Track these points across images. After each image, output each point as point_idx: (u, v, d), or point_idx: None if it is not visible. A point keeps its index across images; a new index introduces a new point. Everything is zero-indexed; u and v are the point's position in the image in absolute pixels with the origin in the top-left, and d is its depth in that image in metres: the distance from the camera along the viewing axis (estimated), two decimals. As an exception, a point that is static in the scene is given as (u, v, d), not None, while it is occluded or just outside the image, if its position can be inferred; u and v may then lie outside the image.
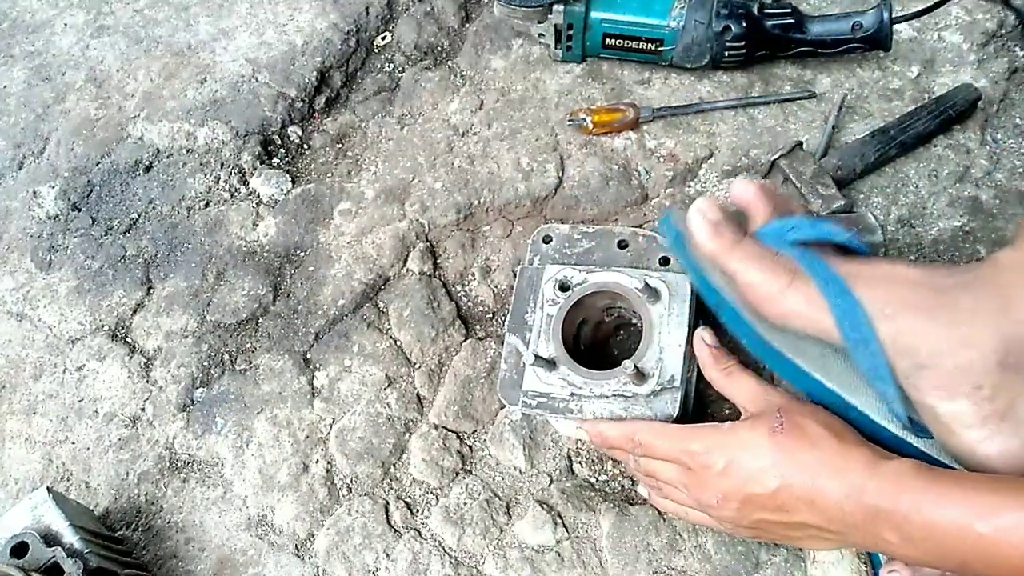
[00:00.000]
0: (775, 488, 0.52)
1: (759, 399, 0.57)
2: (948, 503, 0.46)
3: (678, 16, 0.89)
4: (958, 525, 0.45)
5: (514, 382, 0.69)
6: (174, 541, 0.77)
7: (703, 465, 0.56)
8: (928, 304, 0.51)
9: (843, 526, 0.51)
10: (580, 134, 0.93)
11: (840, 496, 0.50)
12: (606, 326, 0.78)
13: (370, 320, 0.86)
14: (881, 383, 0.53)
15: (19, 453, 0.84)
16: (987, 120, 0.89)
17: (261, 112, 1.02)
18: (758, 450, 0.53)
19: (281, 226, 0.94)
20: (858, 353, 0.53)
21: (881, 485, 0.48)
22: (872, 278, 0.53)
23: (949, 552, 0.46)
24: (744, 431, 0.55)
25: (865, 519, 0.49)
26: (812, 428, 0.53)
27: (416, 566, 0.72)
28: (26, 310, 0.93)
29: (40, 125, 1.08)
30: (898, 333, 0.51)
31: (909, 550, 0.49)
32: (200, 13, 1.15)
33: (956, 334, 0.49)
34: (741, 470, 0.54)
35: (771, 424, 0.54)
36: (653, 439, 0.60)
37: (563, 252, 0.76)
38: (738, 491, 0.54)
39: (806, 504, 0.52)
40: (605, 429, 0.63)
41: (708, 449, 0.56)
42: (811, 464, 0.51)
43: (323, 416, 0.81)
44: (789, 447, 0.52)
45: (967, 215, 0.83)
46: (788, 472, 0.52)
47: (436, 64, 1.07)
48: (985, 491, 0.45)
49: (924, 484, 0.47)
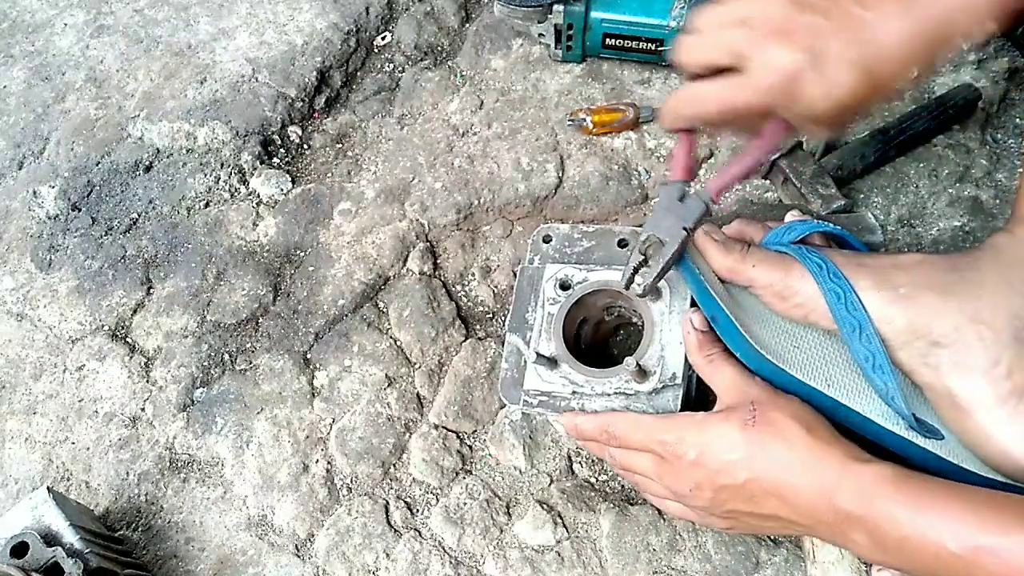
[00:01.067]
0: (744, 480, 0.52)
1: (737, 390, 0.57)
2: (924, 517, 0.45)
3: (678, 16, 0.89)
4: (932, 541, 0.44)
5: (515, 381, 0.69)
6: (174, 541, 0.77)
7: (675, 455, 0.56)
8: (938, 284, 0.52)
9: (812, 521, 0.51)
10: (580, 134, 0.94)
11: (810, 495, 0.50)
12: (607, 325, 0.78)
13: (370, 320, 0.86)
14: (879, 373, 0.53)
15: (19, 453, 0.83)
16: (987, 120, 0.89)
17: (261, 112, 1.02)
18: (729, 442, 0.53)
19: (281, 226, 0.94)
20: (853, 341, 0.54)
21: (854, 489, 0.48)
22: (879, 266, 0.56)
23: (920, 565, 0.46)
24: (716, 423, 0.55)
25: (835, 519, 0.49)
26: (784, 423, 0.52)
27: (416, 566, 0.72)
28: (26, 310, 0.93)
29: (40, 125, 1.08)
30: (914, 313, 0.52)
31: (877, 555, 0.49)
32: (200, 13, 1.15)
33: (969, 310, 0.50)
34: (712, 461, 0.54)
35: (744, 417, 0.54)
36: (627, 430, 0.60)
37: (563, 251, 0.76)
38: (710, 481, 0.54)
39: (776, 498, 0.52)
40: (581, 422, 0.63)
41: (680, 440, 0.56)
42: (781, 460, 0.51)
43: (323, 416, 0.81)
44: (760, 441, 0.52)
45: (967, 215, 0.83)
46: (758, 466, 0.52)
47: (436, 64, 1.07)
48: (965, 509, 0.44)
49: (901, 494, 0.46)
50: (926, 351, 0.52)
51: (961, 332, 0.51)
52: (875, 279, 0.55)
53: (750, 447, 0.52)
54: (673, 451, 0.56)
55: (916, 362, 0.53)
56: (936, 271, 0.54)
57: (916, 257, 0.56)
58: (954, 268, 0.54)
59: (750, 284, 0.60)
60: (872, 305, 0.54)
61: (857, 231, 0.78)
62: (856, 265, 0.56)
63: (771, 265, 0.59)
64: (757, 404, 0.54)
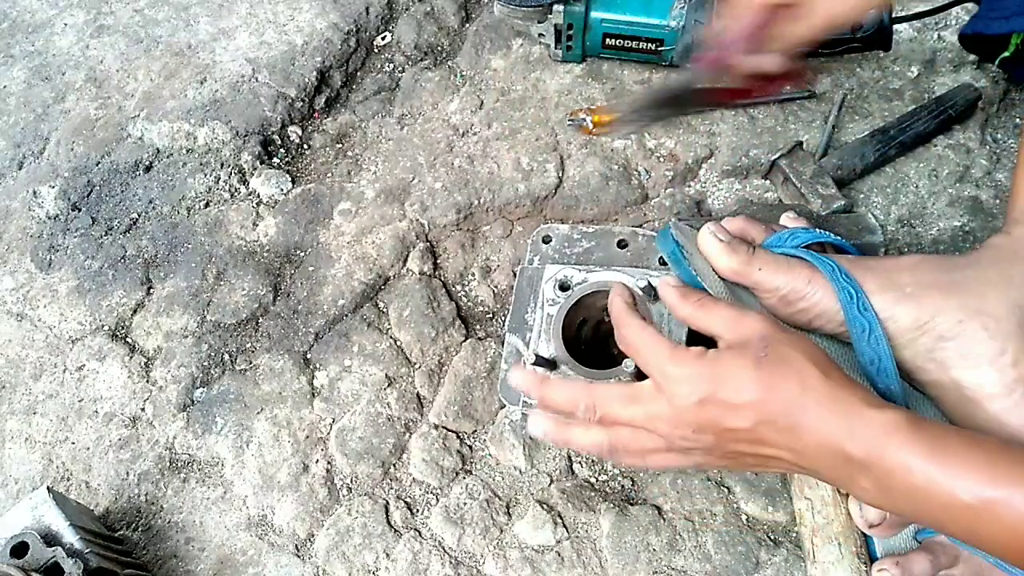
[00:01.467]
0: (754, 423, 0.49)
1: (738, 324, 0.53)
2: (937, 467, 0.44)
3: (678, 16, 0.89)
4: (943, 491, 0.43)
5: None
6: (174, 541, 0.77)
7: (676, 394, 0.52)
8: (941, 282, 0.54)
9: (818, 465, 0.49)
10: (580, 134, 0.93)
11: (821, 439, 0.48)
12: (606, 325, 0.77)
13: (370, 320, 0.86)
14: (882, 376, 0.54)
15: (19, 453, 0.84)
16: (987, 120, 0.89)
17: (261, 112, 1.02)
18: (741, 383, 0.49)
19: (281, 226, 0.94)
20: (861, 343, 0.54)
21: (867, 435, 0.46)
22: (883, 269, 0.56)
23: (928, 513, 0.45)
24: (727, 361, 0.51)
25: (844, 464, 0.47)
26: (799, 362, 0.49)
27: (416, 566, 0.72)
28: (26, 310, 0.93)
29: (40, 125, 1.08)
30: (920, 310, 0.53)
31: (883, 500, 0.48)
32: (200, 13, 1.15)
33: (972, 304, 0.52)
34: (721, 403, 0.50)
35: (756, 353, 0.50)
36: (636, 347, 0.56)
37: (563, 252, 0.76)
38: (714, 423, 0.51)
39: (784, 441, 0.49)
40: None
41: (686, 376, 0.51)
42: (795, 403, 0.48)
43: (323, 416, 0.81)
44: (773, 382, 0.49)
45: (967, 215, 0.83)
46: (770, 409, 0.49)
47: (436, 64, 1.07)
48: (979, 460, 0.43)
49: (914, 442, 0.45)
50: (932, 346, 0.53)
51: (966, 324, 0.52)
52: (881, 281, 0.55)
53: (763, 390, 0.49)
54: (675, 390, 0.52)
55: (921, 359, 0.54)
56: (938, 270, 0.55)
57: (916, 258, 0.57)
58: (955, 267, 0.55)
59: (755, 287, 0.59)
60: (879, 306, 0.54)
61: (857, 231, 0.78)
62: (863, 269, 0.56)
63: (777, 269, 0.58)
64: (767, 338, 0.51)
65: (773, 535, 0.69)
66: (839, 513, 0.62)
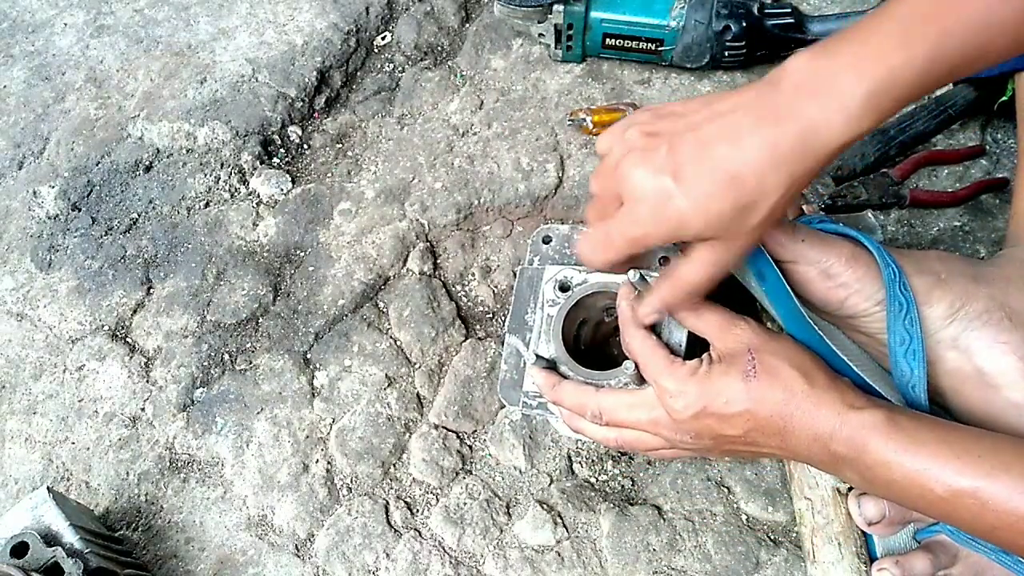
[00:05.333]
0: (746, 431, 0.54)
1: (728, 334, 0.57)
2: (912, 462, 0.48)
3: (678, 16, 0.89)
4: (919, 484, 0.47)
5: (515, 383, 0.69)
6: (174, 541, 0.77)
7: (673, 408, 0.56)
8: (969, 273, 0.57)
9: (809, 460, 0.54)
10: (580, 134, 0.93)
11: (807, 440, 0.52)
12: (606, 326, 0.77)
13: (370, 320, 0.86)
14: (909, 359, 0.55)
15: (19, 453, 0.84)
16: (987, 120, 0.89)
17: (261, 112, 1.02)
18: (731, 397, 0.54)
19: (281, 226, 0.94)
20: (897, 322, 0.55)
21: (848, 435, 0.50)
22: (914, 256, 0.58)
23: (908, 501, 0.50)
24: (717, 378, 0.55)
25: (831, 459, 0.52)
26: (785, 372, 0.53)
27: (416, 566, 0.72)
28: (26, 310, 0.93)
29: (40, 125, 1.08)
30: (953, 296, 0.55)
31: (868, 490, 0.54)
32: (200, 13, 1.15)
33: (998, 295, 0.55)
34: (714, 416, 0.55)
35: (744, 369, 0.54)
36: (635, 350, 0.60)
37: (563, 252, 0.76)
38: (710, 431, 0.56)
39: (776, 443, 0.54)
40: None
41: (681, 391, 0.56)
42: (782, 411, 0.53)
43: (323, 416, 0.81)
44: (760, 395, 0.53)
45: (967, 215, 0.83)
46: (759, 418, 0.53)
47: (436, 64, 1.07)
48: (949, 454, 0.47)
49: (891, 440, 0.49)
50: (957, 335, 0.55)
51: (992, 314, 0.55)
52: (917, 266, 0.57)
53: (751, 402, 0.53)
54: (671, 404, 0.56)
55: (944, 347, 0.56)
56: (963, 262, 0.58)
57: (941, 252, 0.60)
58: (977, 263, 0.59)
59: (795, 260, 0.59)
60: (917, 287, 0.56)
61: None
62: (896, 253, 0.58)
63: (820, 242, 0.59)
64: (754, 351, 0.55)
65: (773, 535, 0.69)
66: (839, 513, 0.62)
